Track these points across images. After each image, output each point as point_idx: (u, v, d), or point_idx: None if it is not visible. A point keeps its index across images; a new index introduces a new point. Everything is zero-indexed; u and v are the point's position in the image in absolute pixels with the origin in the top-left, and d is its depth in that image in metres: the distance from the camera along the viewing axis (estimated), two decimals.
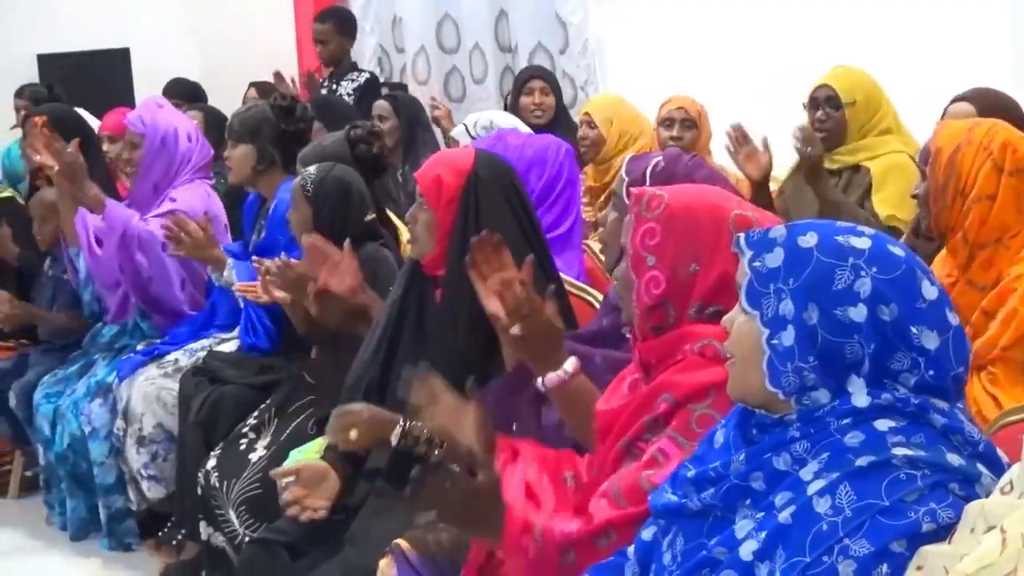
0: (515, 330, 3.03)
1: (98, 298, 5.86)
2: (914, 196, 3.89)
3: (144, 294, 5.58)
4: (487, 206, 3.59)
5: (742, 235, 2.17)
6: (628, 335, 2.85)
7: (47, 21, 9.55)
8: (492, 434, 2.93)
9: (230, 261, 5.05)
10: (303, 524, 3.69)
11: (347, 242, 4.23)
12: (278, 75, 8.28)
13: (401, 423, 3.44)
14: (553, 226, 4.32)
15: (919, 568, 1.93)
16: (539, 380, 3.06)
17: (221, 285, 5.17)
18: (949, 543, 1.94)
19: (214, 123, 6.70)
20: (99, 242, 5.57)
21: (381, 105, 6.97)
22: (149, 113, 5.71)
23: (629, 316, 2.74)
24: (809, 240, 2.10)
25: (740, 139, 5.03)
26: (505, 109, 6.87)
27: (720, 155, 5.60)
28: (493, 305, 3.09)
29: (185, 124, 5.80)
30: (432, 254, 3.63)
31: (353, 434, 3.43)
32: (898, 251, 2.10)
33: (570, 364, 3.04)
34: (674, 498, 2.25)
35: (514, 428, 3.30)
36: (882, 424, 2.05)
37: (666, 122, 5.76)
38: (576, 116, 6.74)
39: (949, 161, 3.66)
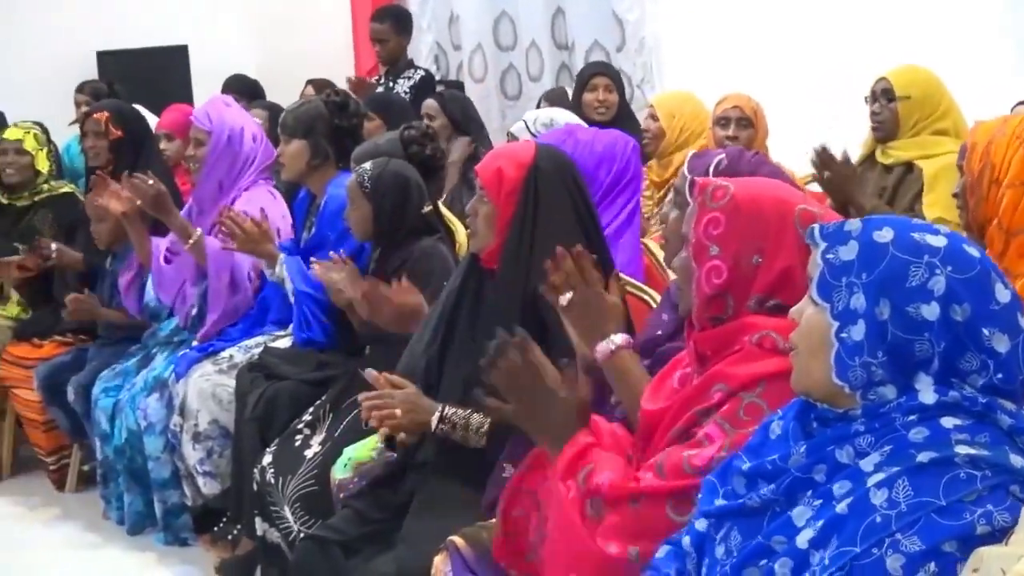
0: (563, 299, 3.13)
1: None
2: (955, 195, 3.88)
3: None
4: (547, 199, 3.58)
5: (816, 226, 2.16)
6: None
7: (107, 18, 9.62)
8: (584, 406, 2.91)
9: (282, 256, 5.06)
10: (356, 507, 3.72)
11: (403, 279, 4.23)
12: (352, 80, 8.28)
13: (440, 409, 3.49)
14: (615, 219, 4.31)
15: (975, 571, 1.90)
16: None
17: (273, 280, 5.17)
18: (1006, 544, 1.92)
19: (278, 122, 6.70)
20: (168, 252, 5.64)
21: (429, 104, 6.97)
22: (216, 111, 5.72)
23: (687, 306, 2.74)
24: (885, 235, 2.09)
25: (825, 161, 4.94)
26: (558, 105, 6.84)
27: (777, 153, 5.57)
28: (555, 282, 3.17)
29: (250, 124, 5.80)
30: (491, 247, 3.62)
31: (397, 412, 3.51)
32: (973, 252, 2.08)
33: (619, 337, 3.10)
34: (724, 501, 2.25)
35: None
36: (948, 421, 2.03)
37: (722, 121, 5.72)
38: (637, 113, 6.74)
39: (984, 152, 3.68)
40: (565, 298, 3.15)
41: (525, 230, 3.54)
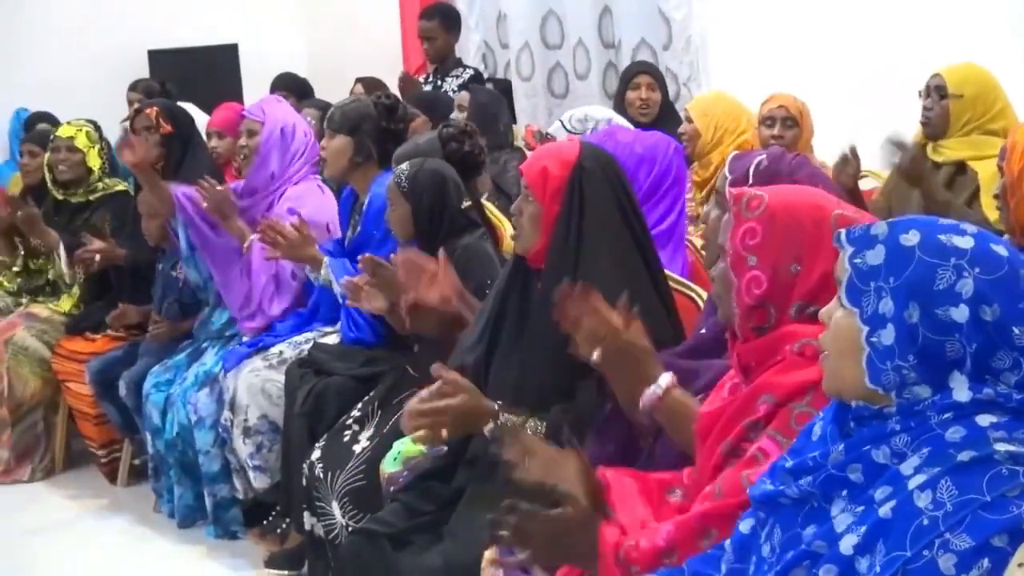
0: (595, 356, 3.07)
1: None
2: (995, 196, 3.86)
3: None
4: (592, 197, 3.57)
5: (843, 231, 2.15)
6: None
7: (158, 17, 9.68)
8: (594, 478, 2.87)
9: (326, 259, 5.08)
10: (404, 500, 3.74)
11: (441, 252, 4.22)
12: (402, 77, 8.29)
13: (496, 416, 3.45)
14: (659, 222, 4.31)
15: (1020, 565, 1.92)
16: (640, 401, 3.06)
17: (320, 284, 5.20)
18: None
19: None
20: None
21: (462, 95, 6.98)
22: (269, 105, 5.81)
23: (727, 315, 2.71)
24: (911, 238, 2.08)
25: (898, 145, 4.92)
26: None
27: (822, 153, 5.57)
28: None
29: (301, 121, 5.86)
30: (537, 247, 3.62)
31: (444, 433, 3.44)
32: (1001, 251, 2.07)
33: (664, 379, 3.03)
34: (771, 487, 2.25)
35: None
36: (984, 419, 2.03)
37: (767, 120, 5.71)
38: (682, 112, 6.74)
39: (1022, 153, 3.65)
40: (596, 355, 3.08)
41: (571, 229, 3.53)
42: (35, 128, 8.06)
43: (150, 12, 9.67)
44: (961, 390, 2.04)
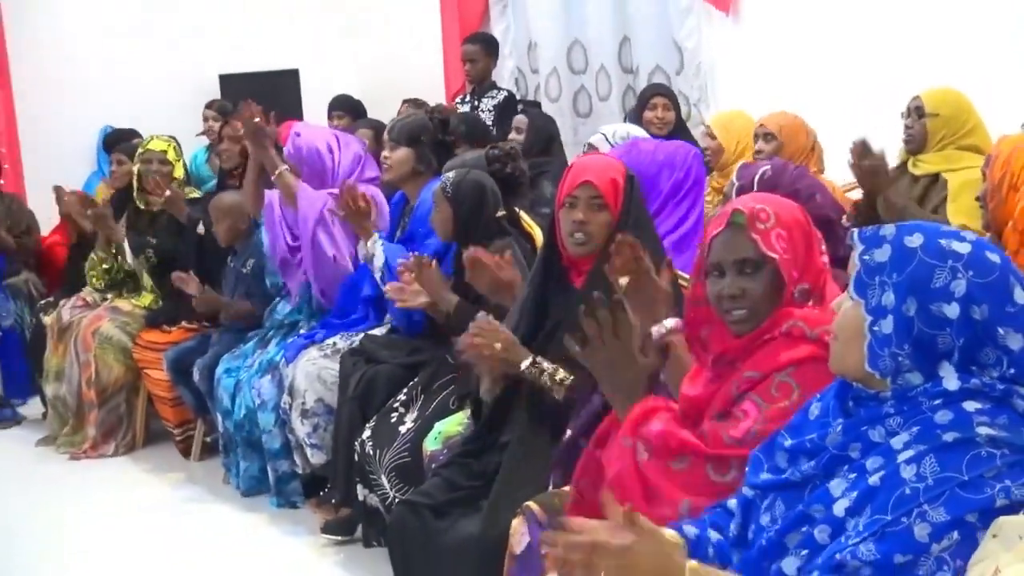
0: (621, 281, 3.14)
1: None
2: (978, 199, 3.87)
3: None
4: (638, 203, 3.63)
5: (856, 230, 2.17)
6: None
7: (229, 45, 9.71)
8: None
9: (375, 235, 5.09)
10: (444, 476, 3.76)
11: (508, 254, 4.25)
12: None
13: (532, 354, 3.51)
14: (680, 222, 4.29)
15: (994, 536, 1.92)
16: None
17: (363, 259, 5.22)
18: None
19: (382, 138, 6.71)
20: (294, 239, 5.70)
21: (519, 118, 6.98)
22: (291, 143, 5.75)
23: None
24: (915, 240, 2.09)
25: (860, 152, 4.88)
26: (626, 121, 6.84)
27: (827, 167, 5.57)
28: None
29: (323, 138, 5.80)
30: (597, 249, 3.61)
31: (498, 346, 3.54)
32: (995, 258, 2.08)
33: (670, 322, 3.09)
34: (769, 476, 2.26)
35: None
36: (970, 405, 2.04)
37: (756, 137, 5.74)
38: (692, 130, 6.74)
39: (1004, 161, 3.67)
40: (623, 280, 3.14)
41: (628, 228, 3.54)
42: (116, 141, 8.15)
43: (221, 41, 9.70)
44: (950, 379, 2.05)
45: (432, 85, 9.27)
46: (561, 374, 3.48)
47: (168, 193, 6.46)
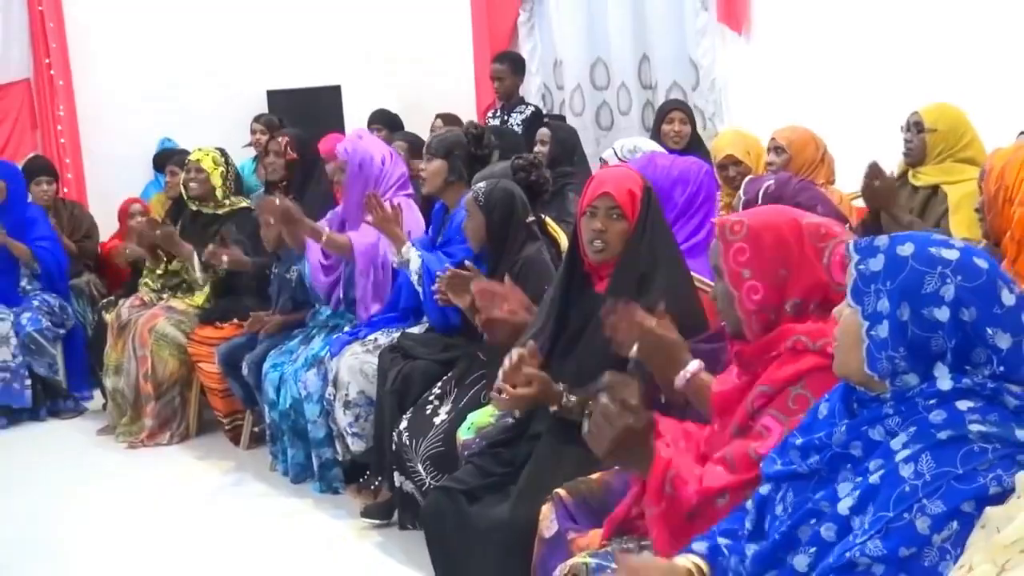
0: (632, 352, 3.14)
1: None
2: (977, 210, 3.85)
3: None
4: (656, 214, 3.62)
5: (851, 242, 2.18)
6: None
7: (275, 62, 9.74)
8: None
9: (408, 243, 5.09)
10: (477, 463, 3.76)
11: (507, 277, 4.27)
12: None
13: (560, 398, 3.50)
14: (693, 234, 4.28)
15: (983, 527, 1.94)
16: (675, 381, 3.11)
17: (398, 265, 5.22)
18: (1006, 504, 1.94)
19: (416, 149, 6.74)
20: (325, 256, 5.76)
21: (543, 132, 6.97)
22: (351, 143, 5.81)
23: (733, 324, 2.73)
24: (906, 249, 2.10)
25: (873, 175, 4.87)
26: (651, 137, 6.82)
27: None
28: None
29: (380, 150, 5.84)
30: (614, 256, 3.61)
31: (532, 387, 3.52)
32: (982, 263, 2.08)
33: (692, 366, 3.07)
34: (781, 467, 2.27)
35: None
36: (962, 404, 2.04)
37: (767, 151, 5.68)
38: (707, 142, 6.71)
39: (999, 175, 3.65)
40: (633, 351, 3.15)
41: (644, 242, 3.55)
42: (163, 161, 8.28)
43: (268, 59, 9.73)
44: (944, 380, 2.06)
45: (464, 101, 9.27)
46: (590, 406, 3.47)
47: (159, 232, 6.60)
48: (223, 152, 6.93)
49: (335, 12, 10.06)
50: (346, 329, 5.64)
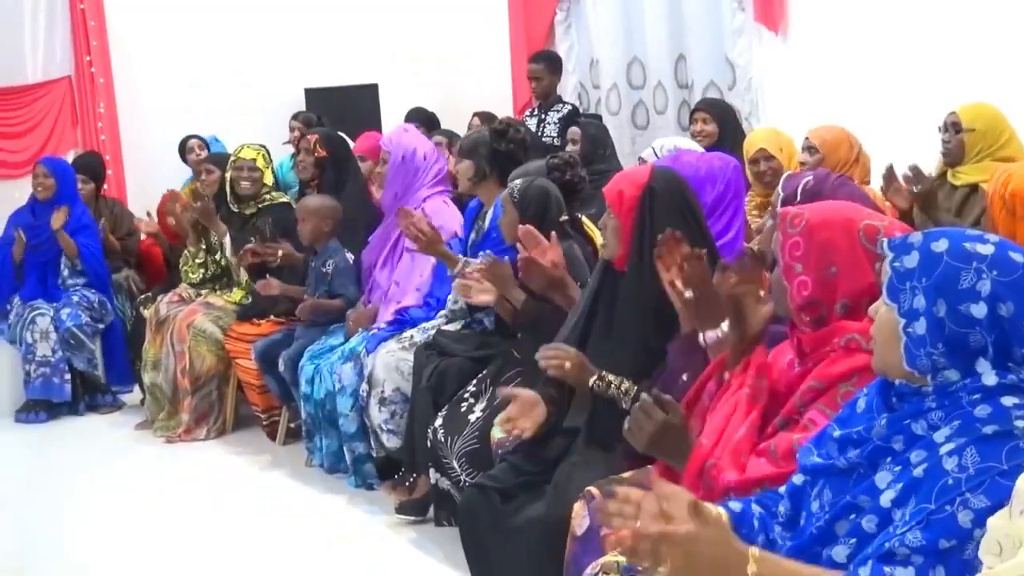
0: (688, 294, 3.21)
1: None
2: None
3: None
4: (659, 213, 3.58)
5: (885, 239, 2.17)
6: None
7: (313, 61, 9.78)
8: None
9: (461, 259, 5.08)
10: (511, 461, 3.76)
11: (553, 233, 4.35)
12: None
13: (599, 371, 3.51)
14: (723, 232, 4.27)
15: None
16: (702, 338, 3.21)
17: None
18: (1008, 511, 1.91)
19: (454, 145, 6.76)
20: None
21: (573, 130, 6.96)
22: (396, 135, 5.87)
23: (784, 311, 2.75)
24: (941, 245, 2.08)
25: (889, 178, 4.91)
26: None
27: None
28: (673, 278, 3.29)
29: (423, 146, 5.87)
30: (618, 254, 3.64)
31: (567, 365, 3.53)
32: (1018, 257, 2.07)
33: (726, 325, 3.10)
34: (819, 460, 2.25)
35: (684, 377, 3.30)
36: (1007, 400, 2.02)
37: (802, 150, 5.64)
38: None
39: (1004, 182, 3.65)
40: (688, 293, 3.21)
41: (644, 239, 3.55)
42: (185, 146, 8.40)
43: (307, 57, 9.77)
44: (988, 375, 2.04)
45: (501, 100, 9.29)
46: (626, 385, 3.48)
47: (198, 205, 6.67)
48: (267, 149, 6.97)
49: (373, 11, 10.09)
50: (381, 326, 5.64)
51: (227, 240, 6.67)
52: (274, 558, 4.95)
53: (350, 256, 6.06)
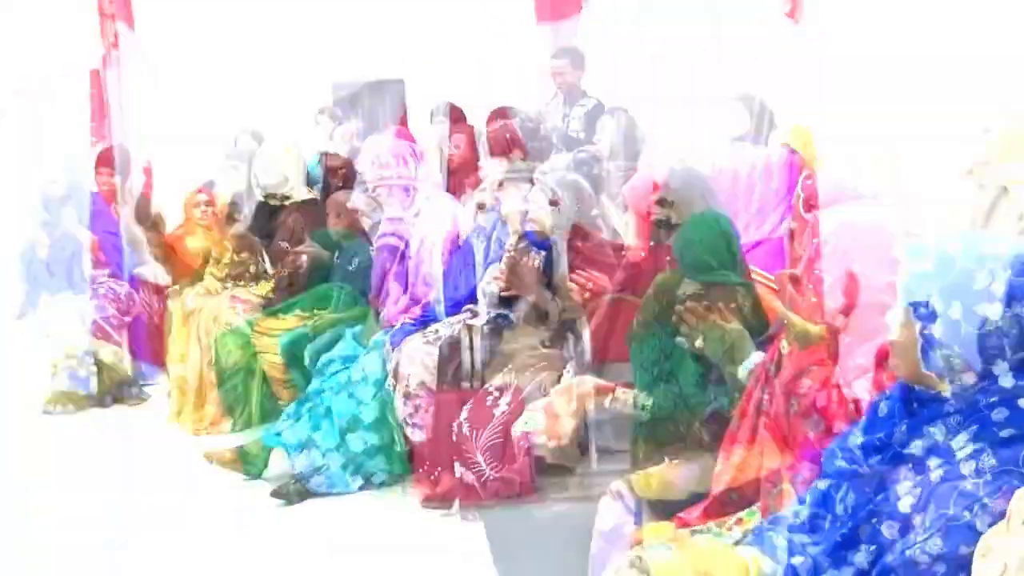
0: (697, 344, 3.19)
1: None
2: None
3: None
4: (678, 210, 3.60)
5: (903, 244, 2.19)
6: None
7: (339, 56, 9.79)
8: None
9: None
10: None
11: None
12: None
13: (613, 391, 3.52)
14: (773, 230, 4.27)
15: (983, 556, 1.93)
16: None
17: None
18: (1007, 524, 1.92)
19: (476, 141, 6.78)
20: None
21: (601, 123, 6.94)
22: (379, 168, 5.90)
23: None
24: (954, 247, 2.09)
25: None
26: None
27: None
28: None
29: (402, 151, 5.93)
30: (641, 248, 3.65)
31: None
32: None
33: (754, 358, 3.11)
34: (844, 464, 2.26)
35: None
36: None
37: None
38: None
39: None
40: (699, 343, 3.19)
41: (663, 235, 3.56)
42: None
43: (333, 52, 9.79)
44: (1005, 377, 2.04)
45: (526, 95, 9.26)
46: (642, 399, 3.48)
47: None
48: (293, 143, 6.99)
49: (399, 5, 10.09)
50: (407, 321, 5.66)
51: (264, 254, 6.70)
52: (300, 550, 4.96)
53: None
